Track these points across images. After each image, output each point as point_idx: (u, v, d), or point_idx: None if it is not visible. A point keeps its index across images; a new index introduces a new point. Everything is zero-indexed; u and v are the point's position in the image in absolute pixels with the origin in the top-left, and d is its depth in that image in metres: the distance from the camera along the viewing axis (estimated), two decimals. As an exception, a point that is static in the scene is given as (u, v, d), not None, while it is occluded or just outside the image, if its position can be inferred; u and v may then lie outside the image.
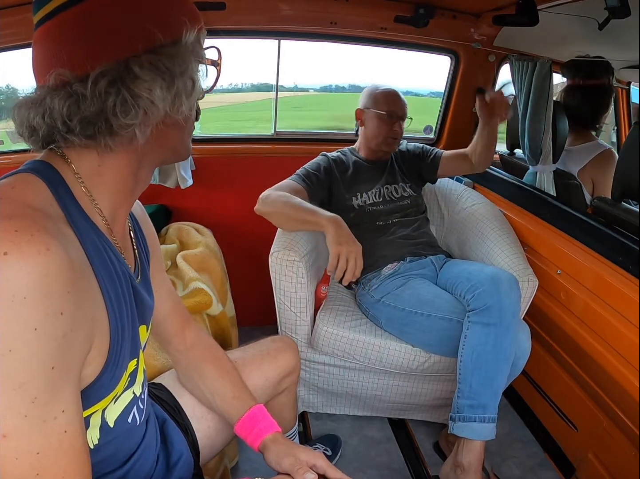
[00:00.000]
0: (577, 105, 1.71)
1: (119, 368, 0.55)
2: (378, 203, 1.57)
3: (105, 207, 0.55)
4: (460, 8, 1.69)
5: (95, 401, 0.54)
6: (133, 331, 0.59)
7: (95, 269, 0.51)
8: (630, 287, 1.10)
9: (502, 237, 1.48)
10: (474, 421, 1.18)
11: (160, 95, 0.49)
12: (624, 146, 1.36)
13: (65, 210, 0.49)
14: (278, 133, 1.98)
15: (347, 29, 1.75)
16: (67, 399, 0.46)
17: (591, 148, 1.71)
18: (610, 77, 1.70)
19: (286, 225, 1.40)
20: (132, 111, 0.48)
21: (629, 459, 1.16)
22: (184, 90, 0.51)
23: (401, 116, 1.57)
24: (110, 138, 0.49)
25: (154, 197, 1.85)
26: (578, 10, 1.32)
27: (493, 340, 1.18)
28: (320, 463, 0.71)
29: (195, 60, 0.52)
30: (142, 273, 0.66)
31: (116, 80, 0.47)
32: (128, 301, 0.57)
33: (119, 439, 0.62)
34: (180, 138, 0.58)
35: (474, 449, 1.18)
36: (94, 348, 0.50)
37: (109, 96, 0.47)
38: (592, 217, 1.32)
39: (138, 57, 0.48)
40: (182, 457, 0.79)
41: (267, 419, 0.80)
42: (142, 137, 0.50)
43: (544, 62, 1.58)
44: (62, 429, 0.45)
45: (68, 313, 0.44)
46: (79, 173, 0.52)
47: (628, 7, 1.13)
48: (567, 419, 1.41)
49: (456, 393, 1.23)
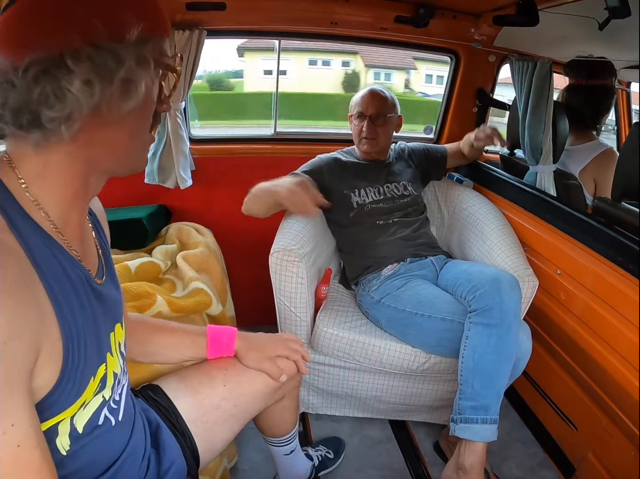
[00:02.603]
0: (579, 105, 1.71)
1: (81, 373, 0.54)
2: (378, 201, 1.56)
3: (53, 211, 0.54)
4: (461, 8, 1.68)
5: (61, 410, 0.53)
6: (97, 336, 0.58)
7: (42, 275, 0.49)
8: (630, 287, 1.10)
9: (502, 237, 1.48)
10: (476, 422, 1.17)
11: (86, 89, 0.47)
12: (624, 146, 1.36)
13: (6, 217, 0.49)
14: (278, 133, 1.98)
15: (347, 29, 1.75)
16: (16, 412, 0.44)
17: (593, 147, 1.71)
18: (613, 78, 1.70)
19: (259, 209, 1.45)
20: (56, 103, 0.47)
21: (629, 459, 1.16)
22: (119, 90, 0.49)
23: (370, 115, 1.56)
24: (39, 132, 0.48)
25: (154, 197, 1.85)
26: (578, 10, 1.32)
27: (495, 341, 1.18)
28: (286, 353, 0.93)
29: (138, 60, 0.50)
30: (107, 272, 0.65)
31: (47, 70, 0.46)
32: (87, 305, 0.56)
33: (94, 444, 0.60)
34: (124, 145, 0.56)
35: (476, 451, 1.17)
36: (43, 357, 0.48)
37: (37, 86, 0.46)
38: (592, 217, 1.32)
39: (76, 50, 0.47)
40: (174, 464, 0.78)
41: (223, 331, 0.92)
42: (67, 133, 0.49)
43: (544, 62, 1.58)
44: (15, 444, 0.44)
45: (3, 322, 0.43)
46: (23, 178, 0.51)
47: (628, 7, 1.13)
48: (567, 419, 1.41)
49: (457, 395, 1.22)
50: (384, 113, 1.57)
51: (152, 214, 1.72)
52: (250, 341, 0.93)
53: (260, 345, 0.93)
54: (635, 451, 1.14)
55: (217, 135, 2.18)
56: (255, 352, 0.92)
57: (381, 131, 1.58)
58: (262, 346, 0.93)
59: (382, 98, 1.58)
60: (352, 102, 1.63)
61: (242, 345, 0.92)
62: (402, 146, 1.76)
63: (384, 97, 1.59)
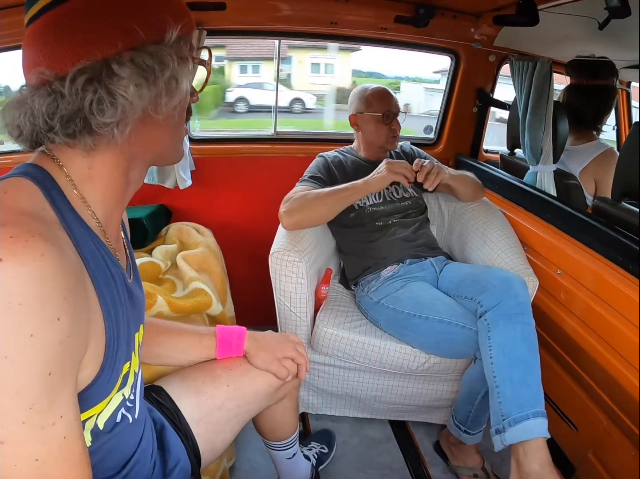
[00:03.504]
0: (580, 104, 1.71)
1: (115, 370, 0.55)
2: (379, 204, 1.56)
3: (98, 210, 0.55)
4: (461, 8, 1.68)
5: (93, 404, 0.54)
6: (129, 334, 0.59)
7: (91, 272, 0.50)
8: (630, 287, 1.10)
9: (503, 237, 1.48)
10: (527, 418, 1.07)
11: (138, 93, 0.48)
12: (624, 146, 1.36)
13: (60, 214, 0.49)
14: (278, 133, 1.98)
15: (348, 29, 1.75)
16: (65, 404, 0.45)
17: (593, 147, 1.72)
18: (614, 78, 1.70)
19: (327, 213, 1.42)
20: (109, 109, 0.48)
21: (629, 459, 1.16)
22: (165, 89, 0.51)
23: (396, 112, 1.57)
24: (90, 137, 0.49)
25: (154, 197, 1.85)
26: (578, 10, 1.32)
27: (520, 330, 1.15)
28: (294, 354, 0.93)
29: (179, 59, 0.52)
30: (134, 272, 0.67)
31: (94, 78, 0.47)
32: (124, 303, 0.57)
33: (112, 441, 0.61)
34: (165, 140, 0.57)
35: (540, 448, 1.06)
36: (89, 352, 0.49)
37: (87, 94, 0.47)
38: (592, 217, 1.32)
39: (119, 55, 0.48)
40: (180, 463, 0.79)
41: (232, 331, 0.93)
42: (120, 136, 0.50)
43: (544, 62, 1.58)
44: (62, 436, 0.45)
45: (64, 319, 0.43)
46: (71, 177, 0.52)
47: (628, 7, 1.13)
48: (567, 419, 1.41)
49: (495, 401, 1.13)
50: (399, 108, 1.59)
51: (152, 214, 1.72)
52: (260, 342, 0.93)
53: (270, 346, 0.93)
54: (635, 451, 1.14)
55: (217, 135, 2.18)
56: (265, 353, 0.92)
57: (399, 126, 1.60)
58: (271, 347, 0.93)
59: (394, 95, 1.59)
60: (365, 102, 1.56)
61: (252, 346, 0.92)
62: (403, 145, 1.75)
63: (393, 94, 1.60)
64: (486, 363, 1.18)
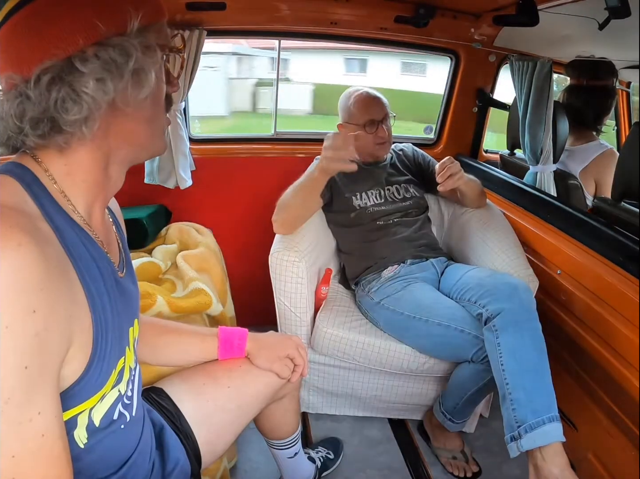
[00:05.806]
0: (580, 105, 1.71)
1: (106, 364, 0.54)
2: (380, 204, 1.56)
3: (79, 204, 0.55)
4: (461, 8, 1.68)
5: (83, 400, 0.53)
6: (120, 328, 0.58)
7: (75, 264, 0.50)
8: (630, 287, 1.10)
9: (502, 237, 1.47)
10: (543, 424, 1.07)
11: (101, 87, 0.48)
12: (624, 146, 1.37)
13: (42, 207, 0.49)
14: (278, 133, 1.98)
15: (347, 29, 1.76)
16: (43, 401, 0.45)
17: (593, 148, 1.72)
18: (614, 78, 1.70)
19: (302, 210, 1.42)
20: (73, 107, 0.47)
21: (629, 459, 1.16)
22: (131, 81, 0.50)
23: (381, 119, 1.52)
24: (60, 136, 0.49)
25: (154, 197, 1.85)
26: (578, 10, 1.32)
27: (529, 336, 1.14)
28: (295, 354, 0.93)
29: (143, 49, 0.51)
30: (126, 266, 0.66)
31: (57, 77, 0.47)
32: (113, 297, 0.57)
33: (109, 439, 0.61)
34: (141, 132, 0.57)
35: (558, 451, 1.05)
36: (74, 346, 0.49)
37: (51, 93, 0.47)
38: (592, 217, 1.32)
39: (82, 52, 0.48)
40: (179, 465, 0.78)
41: (234, 332, 0.92)
42: (89, 133, 0.50)
43: (544, 62, 1.58)
44: (39, 433, 0.44)
45: (41, 311, 0.43)
46: (50, 173, 0.52)
47: (628, 7, 1.12)
48: (567, 419, 1.41)
49: (509, 408, 1.12)
50: (387, 112, 1.55)
51: (152, 214, 1.72)
52: (261, 342, 0.93)
53: (271, 344, 0.94)
54: (635, 451, 1.14)
55: (217, 135, 2.18)
56: (267, 351, 0.92)
57: (388, 130, 1.56)
58: (272, 345, 0.93)
59: (380, 99, 1.55)
60: (348, 112, 1.54)
61: (254, 346, 0.92)
62: (404, 147, 1.74)
63: (380, 97, 1.56)
64: (496, 370, 1.16)
